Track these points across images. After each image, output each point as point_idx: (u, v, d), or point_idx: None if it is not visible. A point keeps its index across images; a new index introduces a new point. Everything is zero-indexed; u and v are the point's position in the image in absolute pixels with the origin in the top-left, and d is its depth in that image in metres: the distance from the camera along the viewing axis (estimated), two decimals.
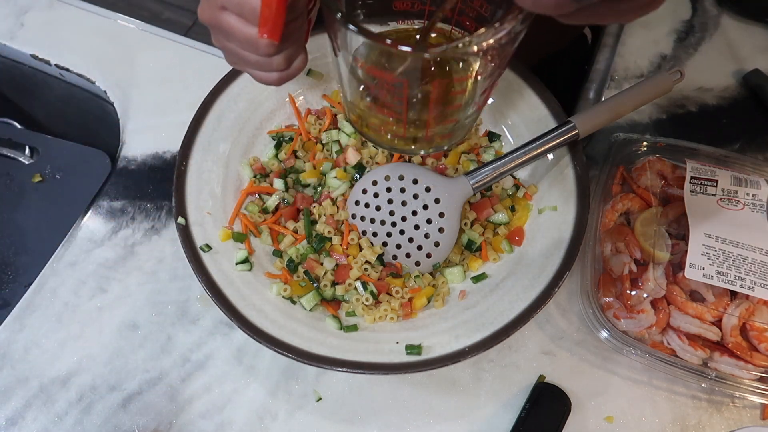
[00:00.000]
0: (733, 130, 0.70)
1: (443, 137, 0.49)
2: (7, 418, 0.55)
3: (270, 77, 0.46)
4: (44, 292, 0.61)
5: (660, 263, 0.56)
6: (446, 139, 0.49)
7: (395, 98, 0.43)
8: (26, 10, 0.80)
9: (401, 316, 0.56)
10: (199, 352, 0.58)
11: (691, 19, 0.78)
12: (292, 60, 0.45)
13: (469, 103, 0.45)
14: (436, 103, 0.43)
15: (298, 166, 0.63)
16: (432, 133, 0.47)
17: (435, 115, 0.45)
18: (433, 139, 0.48)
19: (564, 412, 0.54)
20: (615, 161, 0.62)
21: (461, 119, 0.47)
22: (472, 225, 0.59)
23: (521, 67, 0.63)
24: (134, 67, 0.75)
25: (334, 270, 0.57)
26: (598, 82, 0.73)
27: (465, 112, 0.46)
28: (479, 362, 0.57)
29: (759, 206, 0.57)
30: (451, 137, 0.49)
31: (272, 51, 0.42)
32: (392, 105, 0.44)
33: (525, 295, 0.53)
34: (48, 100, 0.85)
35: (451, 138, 0.49)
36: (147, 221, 0.65)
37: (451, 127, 0.47)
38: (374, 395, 0.56)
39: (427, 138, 0.48)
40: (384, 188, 0.58)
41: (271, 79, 0.47)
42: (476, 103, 0.46)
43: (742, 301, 0.55)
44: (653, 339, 0.55)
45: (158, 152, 0.69)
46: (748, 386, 0.52)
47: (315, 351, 0.52)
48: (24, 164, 0.76)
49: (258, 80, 0.47)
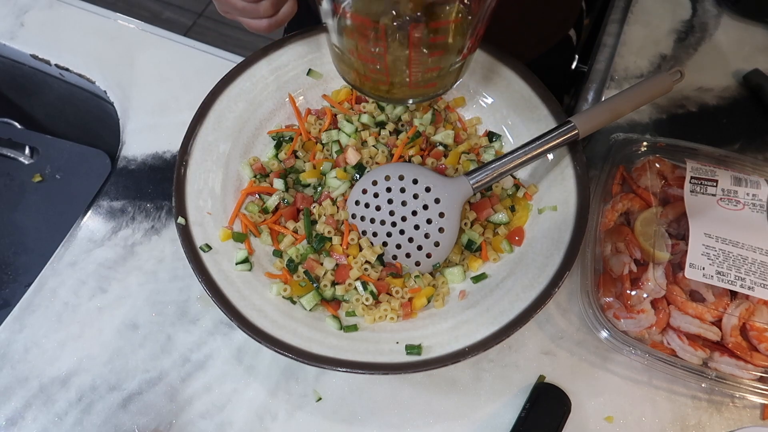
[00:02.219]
0: (733, 130, 0.70)
1: (429, 86, 0.50)
2: (7, 418, 0.55)
3: (259, 24, 0.47)
4: (44, 292, 0.61)
5: (660, 263, 0.56)
6: (432, 88, 0.50)
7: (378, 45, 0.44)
8: (26, 10, 0.80)
9: (401, 316, 0.56)
10: (199, 352, 0.58)
11: (691, 19, 0.78)
12: (279, 6, 0.46)
13: (451, 51, 0.46)
14: (415, 48, 0.44)
15: (298, 166, 0.63)
16: (416, 80, 0.48)
17: (415, 61, 0.46)
18: (418, 86, 0.50)
19: (564, 412, 0.54)
20: (615, 161, 0.62)
21: (444, 66, 0.48)
22: (472, 225, 0.59)
23: (521, 67, 0.64)
24: (134, 67, 0.75)
25: (334, 270, 0.57)
26: (598, 82, 0.73)
27: (447, 60, 0.47)
28: (479, 362, 0.57)
29: (759, 206, 0.57)
30: (436, 86, 0.50)
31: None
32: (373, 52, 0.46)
33: (525, 295, 0.53)
34: (48, 100, 0.85)
35: (437, 87, 0.51)
36: (147, 221, 0.65)
37: (436, 75, 0.48)
38: (374, 395, 0.56)
39: (411, 85, 0.49)
40: (384, 188, 0.58)
41: (261, 26, 0.47)
42: (459, 50, 0.47)
43: (742, 301, 0.55)
44: (653, 339, 0.55)
45: (158, 152, 0.69)
46: (748, 386, 0.52)
47: (315, 351, 0.52)
48: (24, 164, 0.76)
49: (249, 28, 0.48)
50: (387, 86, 0.50)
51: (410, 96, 0.52)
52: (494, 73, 0.64)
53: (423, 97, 0.53)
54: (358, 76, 0.51)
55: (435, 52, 0.46)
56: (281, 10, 0.47)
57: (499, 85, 0.64)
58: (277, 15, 0.47)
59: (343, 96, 0.66)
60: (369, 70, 0.49)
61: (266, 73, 0.65)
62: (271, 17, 0.47)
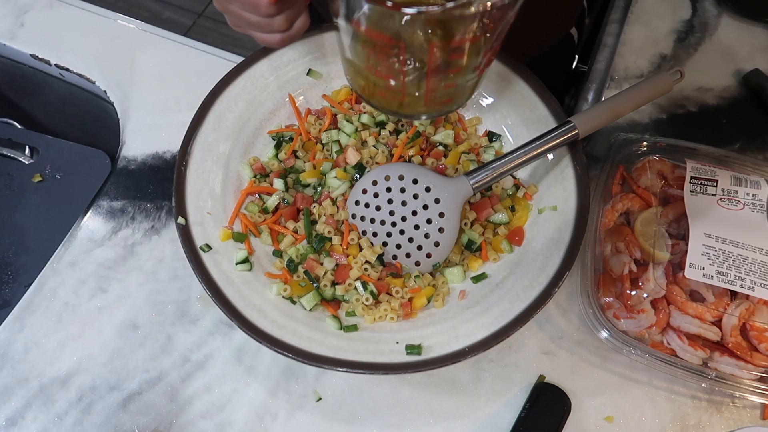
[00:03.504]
0: (733, 130, 0.70)
1: (444, 102, 0.49)
2: (7, 418, 0.55)
3: (272, 39, 0.46)
4: (44, 292, 0.61)
5: (660, 263, 0.56)
6: (447, 104, 0.49)
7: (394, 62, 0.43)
8: (26, 10, 0.80)
9: (401, 316, 0.56)
10: (199, 352, 0.58)
11: (691, 19, 0.78)
12: (293, 21, 0.45)
13: (468, 68, 0.45)
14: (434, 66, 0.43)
15: (298, 166, 0.63)
16: (432, 97, 0.47)
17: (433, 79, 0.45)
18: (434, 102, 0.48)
19: (564, 412, 0.54)
20: (615, 161, 0.62)
21: (461, 83, 0.47)
22: (472, 225, 0.59)
23: (521, 67, 0.63)
24: (134, 67, 0.75)
25: (334, 270, 0.57)
26: (598, 82, 0.73)
27: (465, 77, 0.46)
28: (479, 362, 0.57)
29: (759, 206, 0.57)
30: (451, 102, 0.49)
31: (273, 11, 0.42)
32: (391, 69, 0.44)
33: (525, 295, 0.53)
34: (48, 100, 0.85)
35: (451, 103, 0.49)
36: (147, 221, 0.65)
37: (452, 91, 0.47)
38: (374, 395, 0.56)
39: (427, 102, 0.48)
40: (384, 188, 0.58)
41: (274, 40, 0.46)
42: (476, 67, 0.46)
43: (742, 301, 0.55)
44: (653, 339, 0.55)
45: (158, 152, 0.69)
46: (748, 386, 0.52)
47: (315, 351, 0.52)
48: (24, 164, 0.76)
49: (261, 42, 0.47)
50: (398, 102, 0.49)
51: (424, 112, 0.51)
52: (494, 72, 0.64)
53: (438, 113, 0.51)
54: (369, 88, 0.50)
55: (453, 69, 0.45)
56: (295, 24, 0.46)
57: (499, 84, 0.64)
58: (290, 29, 0.46)
59: (343, 96, 0.66)
60: (384, 85, 0.47)
61: (266, 73, 0.65)
62: (284, 32, 0.46)
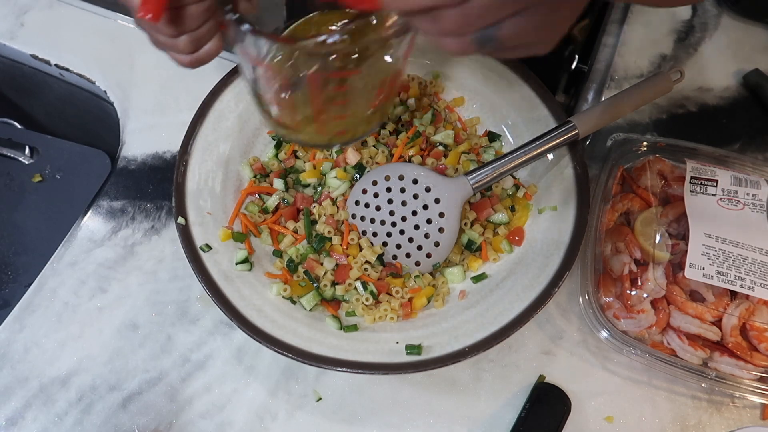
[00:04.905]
0: (733, 130, 0.70)
1: (340, 133, 0.51)
2: (7, 418, 0.55)
3: (182, 59, 0.47)
4: (44, 292, 0.61)
5: (660, 263, 0.56)
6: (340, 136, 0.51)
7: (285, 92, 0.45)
8: (26, 10, 0.79)
9: (401, 316, 0.56)
10: (199, 352, 0.58)
11: (691, 19, 0.77)
12: (200, 44, 0.45)
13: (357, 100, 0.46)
14: (315, 97, 0.45)
15: (298, 166, 0.63)
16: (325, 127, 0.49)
17: (318, 110, 0.46)
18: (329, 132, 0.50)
19: (564, 412, 0.54)
20: (615, 161, 0.62)
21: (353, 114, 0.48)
22: (472, 225, 0.59)
23: (521, 67, 0.63)
24: (134, 67, 0.75)
25: (334, 270, 0.57)
26: (598, 82, 0.73)
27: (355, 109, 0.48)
28: (479, 362, 0.57)
29: (759, 206, 0.57)
30: (345, 133, 0.51)
31: (173, 33, 0.42)
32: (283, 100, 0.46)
33: (525, 295, 0.53)
34: (48, 100, 0.85)
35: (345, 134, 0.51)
36: (147, 221, 0.65)
37: (344, 123, 0.49)
38: (374, 395, 0.56)
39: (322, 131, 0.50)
40: (384, 188, 0.58)
41: (183, 61, 0.47)
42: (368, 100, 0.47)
43: (742, 301, 0.55)
44: (653, 339, 0.55)
45: (158, 152, 0.69)
46: (748, 386, 0.52)
47: (315, 351, 0.52)
48: (24, 164, 0.76)
49: (175, 62, 0.48)
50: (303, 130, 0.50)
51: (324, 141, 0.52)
52: (494, 72, 0.64)
53: (339, 142, 0.53)
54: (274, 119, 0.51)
55: (339, 101, 0.46)
56: (203, 48, 0.46)
57: (499, 84, 0.64)
58: (197, 53, 0.46)
59: None
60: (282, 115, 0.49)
61: None
62: (191, 54, 0.46)
